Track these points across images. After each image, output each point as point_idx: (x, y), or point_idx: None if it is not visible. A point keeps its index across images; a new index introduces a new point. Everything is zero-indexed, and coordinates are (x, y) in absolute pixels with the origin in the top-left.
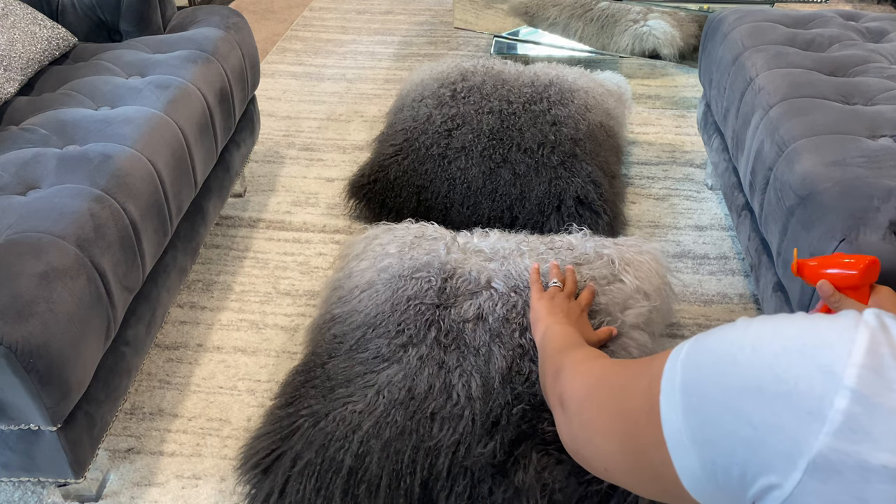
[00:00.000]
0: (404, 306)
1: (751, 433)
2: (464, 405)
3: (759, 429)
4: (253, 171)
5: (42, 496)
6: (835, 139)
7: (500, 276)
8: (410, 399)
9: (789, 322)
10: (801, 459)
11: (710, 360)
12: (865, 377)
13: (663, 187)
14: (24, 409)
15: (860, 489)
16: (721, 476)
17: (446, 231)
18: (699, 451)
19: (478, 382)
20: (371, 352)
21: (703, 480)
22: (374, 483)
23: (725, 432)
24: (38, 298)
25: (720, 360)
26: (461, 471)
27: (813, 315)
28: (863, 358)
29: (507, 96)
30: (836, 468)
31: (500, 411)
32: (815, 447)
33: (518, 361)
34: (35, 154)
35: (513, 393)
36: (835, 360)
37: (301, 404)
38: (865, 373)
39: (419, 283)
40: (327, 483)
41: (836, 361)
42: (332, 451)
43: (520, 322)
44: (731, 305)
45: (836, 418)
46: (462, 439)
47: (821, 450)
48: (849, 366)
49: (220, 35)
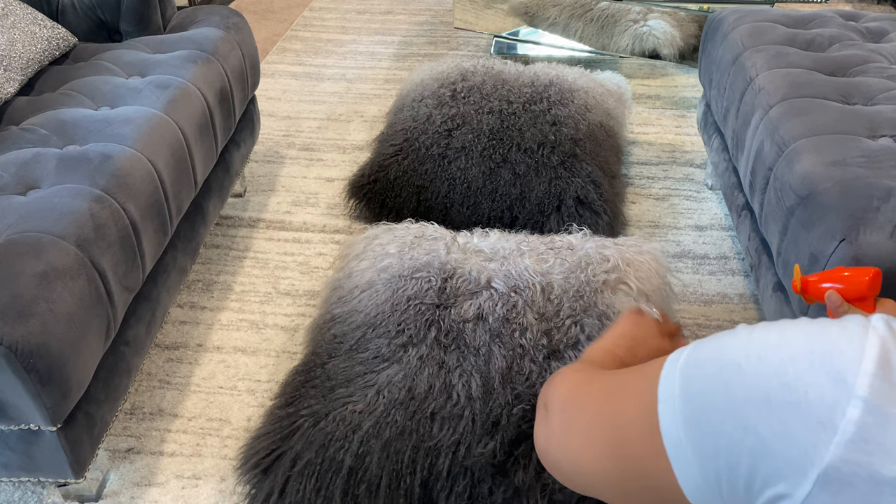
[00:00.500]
0: (404, 306)
1: (757, 443)
2: (464, 405)
3: (767, 438)
4: (253, 171)
5: (42, 496)
6: (835, 139)
7: (500, 276)
8: (410, 399)
9: (795, 328)
10: (811, 470)
11: (713, 369)
12: (877, 386)
13: (663, 187)
14: (24, 409)
15: (872, 501)
16: (726, 487)
17: (446, 231)
18: (702, 461)
19: (478, 382)
20: (371, 352)
21: (706, 491)
22: (374, 483)
23: (730, 442)
24: (38, 298)
25: (724, 369)
26: (461, 471)
27: (819, 320)
28: (874, 366)
29: (507, 96)
30: (848, 480)
31: (500, 411)
32: (826, 458)
33: (518, 361)
34: (35, 154)
35: (513, 393)
36: (846, 369)
37: (301, 404)
38: (877, 382)
39: (419, 283)
40: (327, 483)
41: (848, 369)
42: (332, 451)
43: (520, 322)
44: (730, 305)
45: (847, 429)
46: (462, 439)
47: (832, 461)
48: (860, 374)
49: (220, 35)
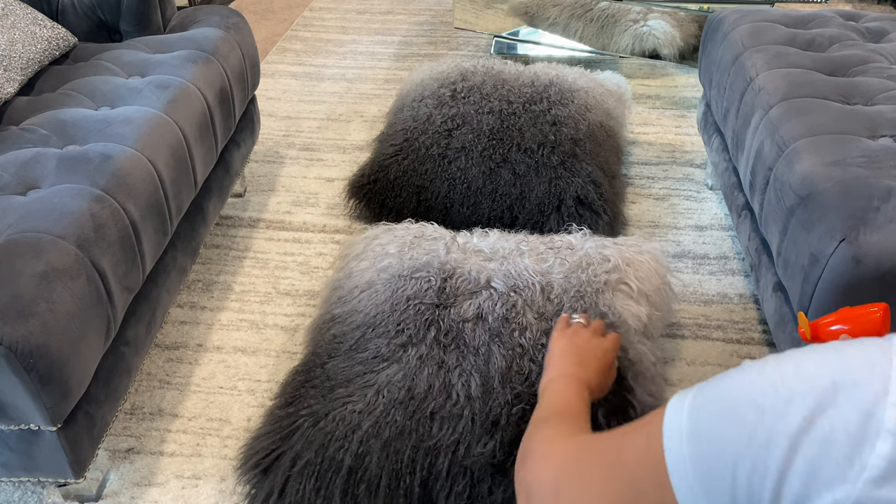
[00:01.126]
0: (404, 306)
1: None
2: (463, 405)
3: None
4: (253, 171)
5: (42, 496)
6: (835, 139)
7: (499, 275)
8: (410, 399)
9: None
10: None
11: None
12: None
13: (663, 187)
14: (25, 409)
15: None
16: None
17: (446, 231)
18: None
19: (477, 382)
20: (371, 351)
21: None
22: (374, 483)
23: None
24: (38, 298)
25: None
26: (461, 470)
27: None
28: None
29: (507, 96)
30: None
31: (499, 411)
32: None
33: (518, 361)
34: (35, 154)
35: (512, 392)
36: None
37: (301, 404)
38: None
39: (419, 282)
40: (327, 483)
41: (875, 402)
42: (332, 451)
43: (519, 322)
44: (730, 305)
45: (877, 464)
46: (462, 439)
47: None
48: (888, 406)
49: (220, 35)
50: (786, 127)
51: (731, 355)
